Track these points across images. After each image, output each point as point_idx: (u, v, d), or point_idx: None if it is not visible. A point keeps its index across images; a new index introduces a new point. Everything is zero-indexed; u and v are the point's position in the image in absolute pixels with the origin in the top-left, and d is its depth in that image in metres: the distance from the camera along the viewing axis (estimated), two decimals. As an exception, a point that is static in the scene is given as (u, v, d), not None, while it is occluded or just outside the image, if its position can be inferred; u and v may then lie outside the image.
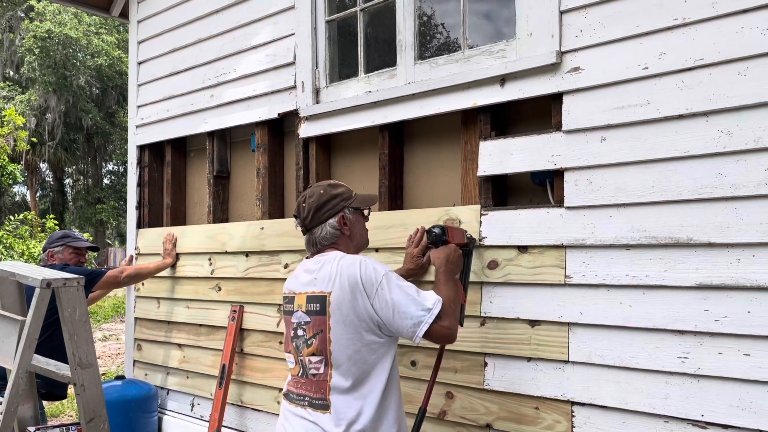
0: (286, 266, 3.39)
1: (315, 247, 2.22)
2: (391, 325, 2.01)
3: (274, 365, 3.49)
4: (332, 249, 2.19)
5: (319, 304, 2.07)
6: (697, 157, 2.12)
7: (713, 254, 2.09)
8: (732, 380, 2.04)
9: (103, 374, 7.24)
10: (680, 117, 2.16)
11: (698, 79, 2.13)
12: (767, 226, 1.98)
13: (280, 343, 3.38)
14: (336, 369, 2.03)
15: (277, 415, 3.15)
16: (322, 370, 2.06)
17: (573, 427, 2.36)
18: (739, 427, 2.02)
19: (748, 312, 2.01)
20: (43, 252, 3.68)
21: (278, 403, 3.34)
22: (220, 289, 3.81)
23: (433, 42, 3.35)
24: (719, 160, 2.08)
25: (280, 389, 3.33)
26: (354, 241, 2.25)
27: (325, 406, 2.03)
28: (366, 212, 2.33)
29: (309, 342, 2.08)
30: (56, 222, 13.95)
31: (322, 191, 2.22)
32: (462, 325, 2.44)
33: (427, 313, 2.00)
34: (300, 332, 2.12)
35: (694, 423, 2.11)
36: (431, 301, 2.03)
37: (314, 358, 2.07)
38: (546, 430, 2.42)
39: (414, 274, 2.64)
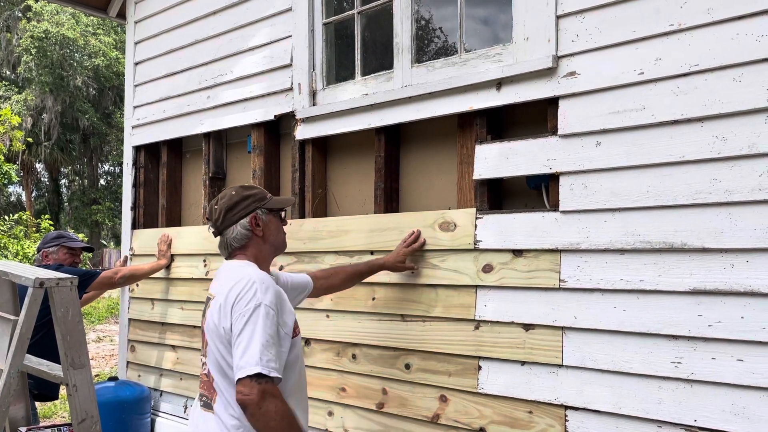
0: (281, 268, 3.38)
1: (227, 250, 2.20)
2: (230, 347, 1.94)
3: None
4: (243, 252, 2.17)
5: (207, 307, 2.12)
6: (691, 163, 2.13)
7: (707, 259, 2.09)
8: (725, 386, 2.04)
9: (96, 375, 7.21)
10: (675, 122, 2.17)
11: (693, 84, 2.13)
12: (761, 232, 1.99)
13: (274, 345, 3.37)
14: (214, 370, 2.04)
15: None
16: (207, 370, 2.09)
17: (566, 431, 2.36)
18: (732, 433, 2.02)
19: (742, 317, 2.01)
20: (38, 252, 3.67)
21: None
22: (214, 290, 3.79)
23: (430, 46, 3.35)
24: (714, 166, 2.09)
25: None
26: (267, 243, 2.20)
27: (210, 405, 2.06)
28: (283, 215, 2.31)
29: (203, 342, 2.13)
30: (51, 222, 13.92)
31: (233, 192, 2.19)
32: None
33: (258, 365, 1.84)
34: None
35: (687, 428, 2.11)
36: (265, 361, 1.85)
37: (204, 358, 2.12)
38: (539, 434, 2.42)
39: (395, 268, 2.78)
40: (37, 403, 3.69)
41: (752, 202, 2.01)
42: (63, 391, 4.27)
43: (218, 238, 2.25)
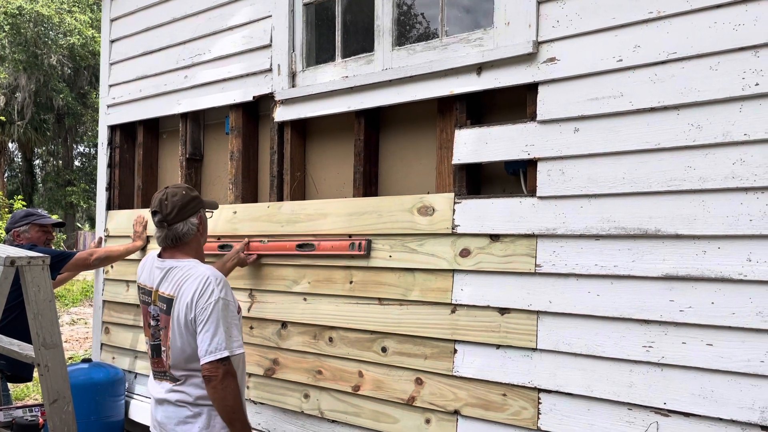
0: (258, 251, 3.36)
1: (174, 242, 2.48)
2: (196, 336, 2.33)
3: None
4: (187, 248, 2.50)
5: (166, 305, 2.40)
6: (667, 150, 2.15)
7: (680, 245, 2.12)
8: (694, 369, 2.08)
9: (69, 358, 7.13)
10: (652, 110, 2.19)
11: (671, 72, 2.15)
12: (733, 219, 2.02)
13: (251, 327, 3.36)
14: (172, 355, 2.39)
15: (248, 399, 3.15)
16: (163, 356, 2.43)
17: (539, 413, 2.39)
18: (700, 415, 2.07)
19: (712, 303, 2.05)
20: (7, 233, 3.59)
21: (248, 387, 3.32)
22: (190, 272, 3.76)
23: (412, 31, 3.33)
24: (688, 153, 2.11)
25: (250, 374, 3.32)
26: (203, 237, 2.59)
27: (174, 379, 2.42)
28: (210, 216, 2.70)
29: (160, 331, 2.45)
30: (24, 203, 13.66)
31: (184, 192, 2.51)
32: None
33: (225, 350, 2.29)
34: (153, 322, 2.48)
35: (657, 410, 2.15)
36: (235, 347, 2.33)
37: (163, 346, 2.44)
38: (513, 416, 2.45)
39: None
40: (10, 385, 3.64)
41: (725, 189, 2.04)
42: (36, 372, 4.22)
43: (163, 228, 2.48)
